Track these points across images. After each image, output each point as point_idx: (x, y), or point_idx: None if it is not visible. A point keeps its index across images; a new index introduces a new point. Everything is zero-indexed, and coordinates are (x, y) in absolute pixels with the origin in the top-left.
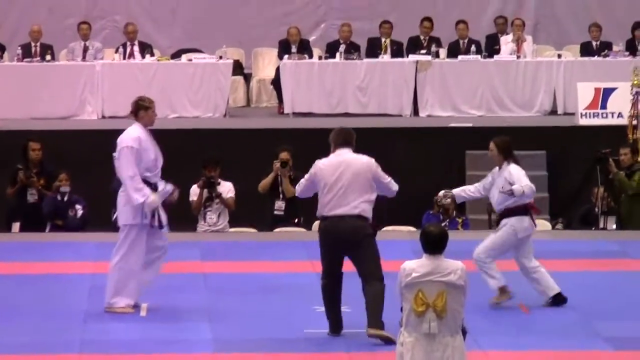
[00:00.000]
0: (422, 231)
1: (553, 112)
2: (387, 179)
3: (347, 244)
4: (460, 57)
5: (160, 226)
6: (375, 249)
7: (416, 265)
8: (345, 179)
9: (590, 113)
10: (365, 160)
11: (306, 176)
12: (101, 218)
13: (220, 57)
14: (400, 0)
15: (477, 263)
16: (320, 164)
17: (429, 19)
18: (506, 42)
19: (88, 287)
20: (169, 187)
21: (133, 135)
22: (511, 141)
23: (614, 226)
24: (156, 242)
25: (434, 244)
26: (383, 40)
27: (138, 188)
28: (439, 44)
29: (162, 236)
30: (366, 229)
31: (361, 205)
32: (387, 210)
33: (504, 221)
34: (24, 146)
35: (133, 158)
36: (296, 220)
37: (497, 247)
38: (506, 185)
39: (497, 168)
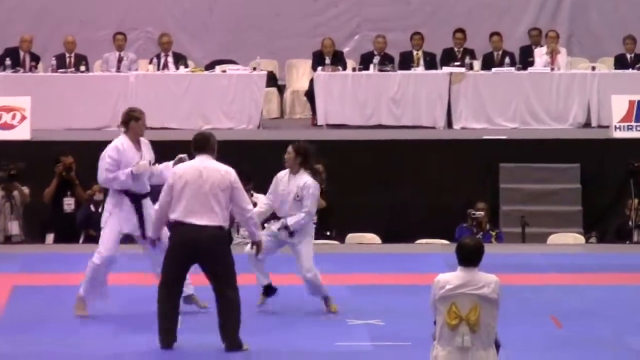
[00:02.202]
0: (458, 243)
1: (587, 124)
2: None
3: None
4: (494, 69)
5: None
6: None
7: (450, 278)
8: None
9: (624, 126)
10: (223, 171)
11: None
12: None
13: (254, 69)
14: (433, 12)
15: (313, 278)
16: (177, 170)
17: (462, 31)
18: (540, 54)
19: (120, 298)
20: (168, 168)
21: (112, 145)
22: (310, 149)
23: None
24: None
25: (469, 257)
26: (415, 52)
27: (117, 175)
28: (472, 55)
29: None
30: (224, 239)
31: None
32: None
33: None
34: (56, 160)
35: (108, 165)
36: (328, 233)
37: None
38: (300, 192)
39: (284, 173)
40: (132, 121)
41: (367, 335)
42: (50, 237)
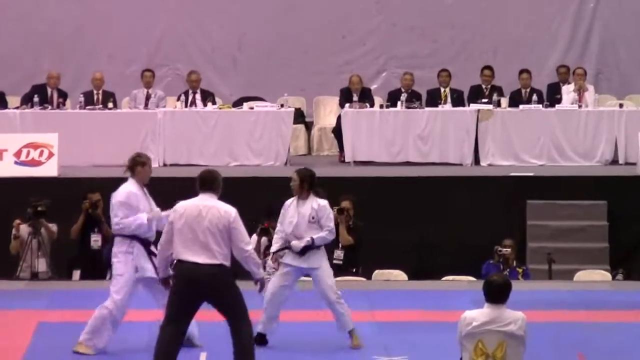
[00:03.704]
0: (485, 280)
1: (614, 161)
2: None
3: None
4: (521, 106)
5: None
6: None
7: (476, 315)
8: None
9: None
10: (223, 211)
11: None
12: None
13: (282, 105)
14: (461, 49)
15: (338, 300)
16: (178, 207)
17: (489, 68)
18: (568, 91)
19: (147, 335)
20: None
21: (125, 190)
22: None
23: None
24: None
25: (496, 294)
26: (442, 89)
27: (134, 220)
28: (500, 92)
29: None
30: (225, 275)
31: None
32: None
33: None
34: (83, 197)
35: (123, 212)
36: (354, 270)
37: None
38: (316, 214)
39: (291, 200)
40: (138, 166)
41: None
42: (77, 274)
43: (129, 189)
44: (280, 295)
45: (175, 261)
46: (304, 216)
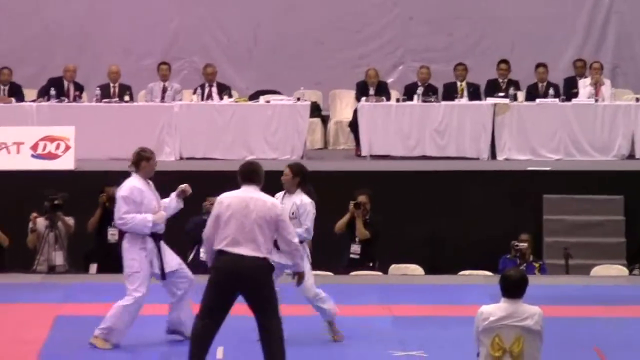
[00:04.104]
0: (502, 275)
1: (631, 156)
2: (292, 231)
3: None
4: (538, 100)
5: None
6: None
7: (493, 309)
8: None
9: None
10: (270, 203)
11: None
12: None
13: (298, 99)
14: (477, 43)
15: (313, 298)
16: (224, 200)
17: (506, 62)
18: (584, 85)
19: (160, 328)
20: (173, 200)
21: (129, 185)
22: (307, 170)
23: None
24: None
25: (513, 288)
26: (459, 83)
27: (140, 218)
28: (517, 86)
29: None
30: (266, 269)
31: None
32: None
33: None
34: (100, 190)
35: (126, 207)
36: (371, 264)
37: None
38: (294, 209)
39: (281, 194)
40: (143, 161)
41: None
42: (93, 267)
43: (133, 184)
44: None
45: (217, 252)
46: (285, 211)
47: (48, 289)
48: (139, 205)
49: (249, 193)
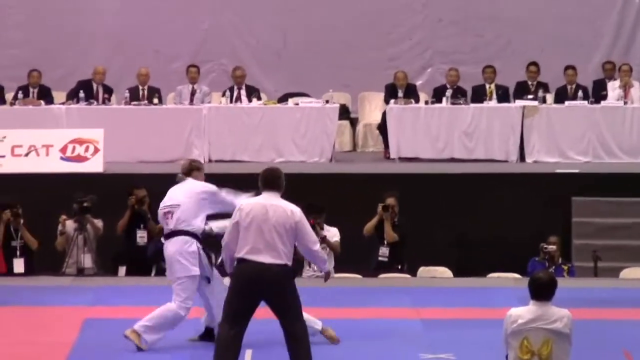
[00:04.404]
0: (530, 277)
1: None
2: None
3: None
4: (567, 102)
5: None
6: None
7: (522, 312)
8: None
9: None
10: (289, 210)
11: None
12: None
13: (327, 101)
14: (507, 44)
15: None
16: (244, 207)
17: (535, 64)
18: (613, 87)
19: (193, 331)
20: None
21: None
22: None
23: None
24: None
25: (542, 291)
26: (487, 86)
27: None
28: (546, 89)
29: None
30: (288, 275)
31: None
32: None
33: None
34: (129, 192)
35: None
36: (399, 267)
37: None
38: None
39: None
40: (194, 171)
41: None
42: (122, 270)
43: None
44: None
45: (238, 259)
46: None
47: (77, 291)
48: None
49: (269, 200)
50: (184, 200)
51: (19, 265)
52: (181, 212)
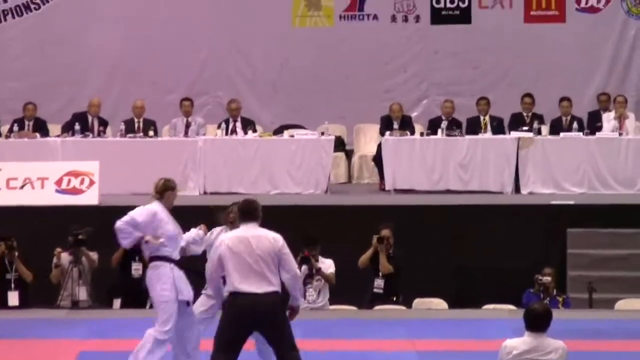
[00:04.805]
0: (526, 309)
1: None
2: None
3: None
4: (562, 134)
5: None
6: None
7: (517, 343)
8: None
9: None
10: (272, 238)
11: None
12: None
13: (322, 134)
14: (502, 76)
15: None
16: (226, 240)
17: (530, 95)
18: (608, 119)
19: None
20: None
21: (148, 208)
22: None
23: None
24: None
25: (537, 322)
26: (482, 117)
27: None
28: (541, 120)
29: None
30: (281, 302)
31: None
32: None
33: None
34: None
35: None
36: (394, 299)
37: None
38: None
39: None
40: (168, 191)
41: None
42: (117, 302)
43: (153, 209)
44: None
45: (229, 293)
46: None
47: (72, 324)
48: (146, 229)
49: (249, 231)
50: None
51: (13, 298)
52: None
